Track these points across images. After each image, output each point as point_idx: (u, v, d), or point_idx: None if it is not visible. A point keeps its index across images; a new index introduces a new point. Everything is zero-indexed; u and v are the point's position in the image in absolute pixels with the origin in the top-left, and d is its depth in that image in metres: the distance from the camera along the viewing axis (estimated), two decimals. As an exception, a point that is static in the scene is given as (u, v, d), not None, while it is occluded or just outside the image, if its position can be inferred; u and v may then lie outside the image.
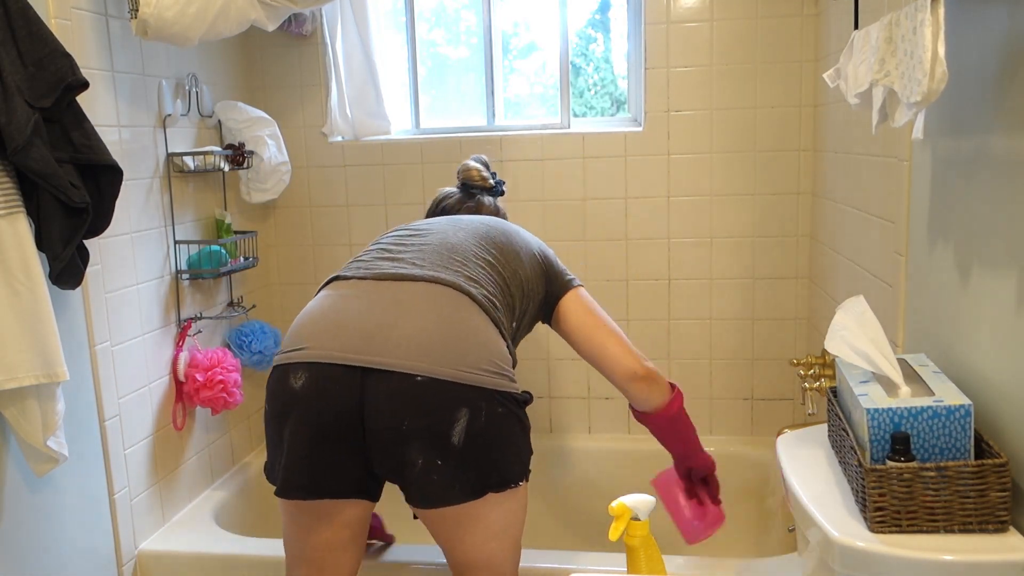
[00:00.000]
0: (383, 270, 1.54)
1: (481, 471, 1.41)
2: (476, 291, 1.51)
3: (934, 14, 1.10)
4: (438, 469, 1.38)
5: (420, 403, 1.37)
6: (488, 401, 1.40)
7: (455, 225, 1.70)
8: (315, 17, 2.54)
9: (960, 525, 1.13)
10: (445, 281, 1.50)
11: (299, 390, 1.40)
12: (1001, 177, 1.19)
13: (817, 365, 1.99)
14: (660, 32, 2.40)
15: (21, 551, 1.66)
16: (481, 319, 1.49)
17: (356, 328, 1.43)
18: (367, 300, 1.48)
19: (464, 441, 1.37)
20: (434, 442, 1.37)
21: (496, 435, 1.41)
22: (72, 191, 1.53)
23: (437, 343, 1.40)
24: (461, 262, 1.57)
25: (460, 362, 1.39)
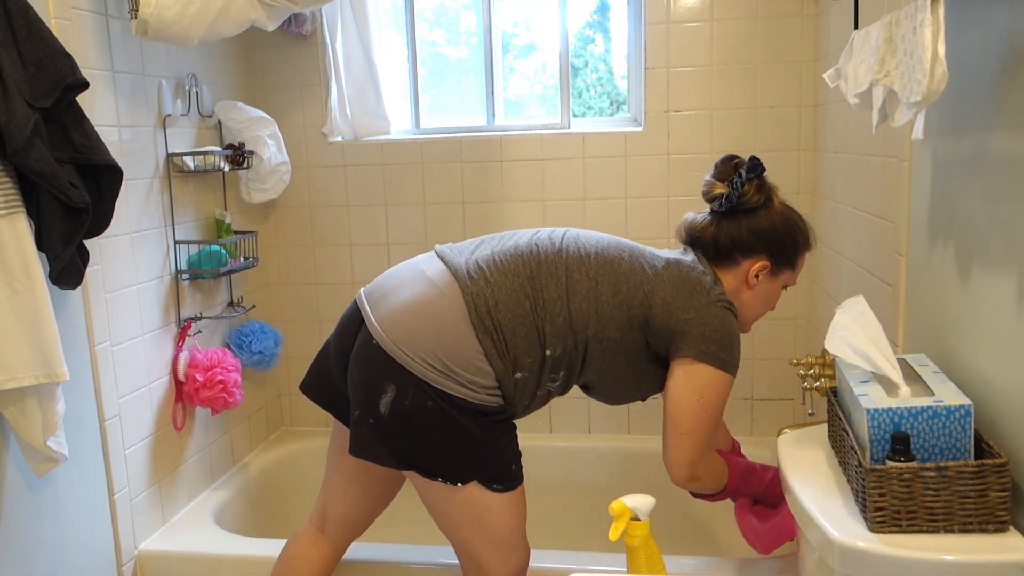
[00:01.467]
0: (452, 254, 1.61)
1: (406, 446, 1.49)
2: (477, 295, 1.48)
3: (934, 14, 1.10)
4: (369, 426, 1.49)
5: (364, 361, 1.50)
6: (417, 388, 1.46)
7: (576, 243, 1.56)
8: (315, 17, 2.54)
9: (960, 525, 1.13)
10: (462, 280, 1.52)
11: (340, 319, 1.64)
12: (1001, 177, 1.19)
13: (817, 365, 1.99)
14: (660, 32, 2.40)
15: (21, 551, 1.66)
16: (461, 322, 1.47)
17: (386, 285, 1.58)
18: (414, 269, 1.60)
19: (389, 414, 1.47)
20: (366, 401, 1.49)
21: (420, 422, 1.47)
22: (72, 191, 1.53)
23: (402, 320, 1.49)
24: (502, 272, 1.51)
25: (407, 343, 1.47)
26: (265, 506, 2.44)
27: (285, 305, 2.71)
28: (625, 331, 1.53)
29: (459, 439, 1.48)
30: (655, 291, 1.52)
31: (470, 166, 2.55)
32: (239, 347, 2.38)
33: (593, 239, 1.60)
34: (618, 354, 1.54)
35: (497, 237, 1.64)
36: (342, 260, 2.67)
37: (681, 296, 1.52)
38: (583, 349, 1.52)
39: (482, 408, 1.48)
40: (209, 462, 2.33)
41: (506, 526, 1.56)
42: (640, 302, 1.52)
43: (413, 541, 2.02)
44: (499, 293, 1.50)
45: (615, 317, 1.51)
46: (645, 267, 1.55)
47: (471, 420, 1.48)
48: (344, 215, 2.64)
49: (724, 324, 1.53)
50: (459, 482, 1.50)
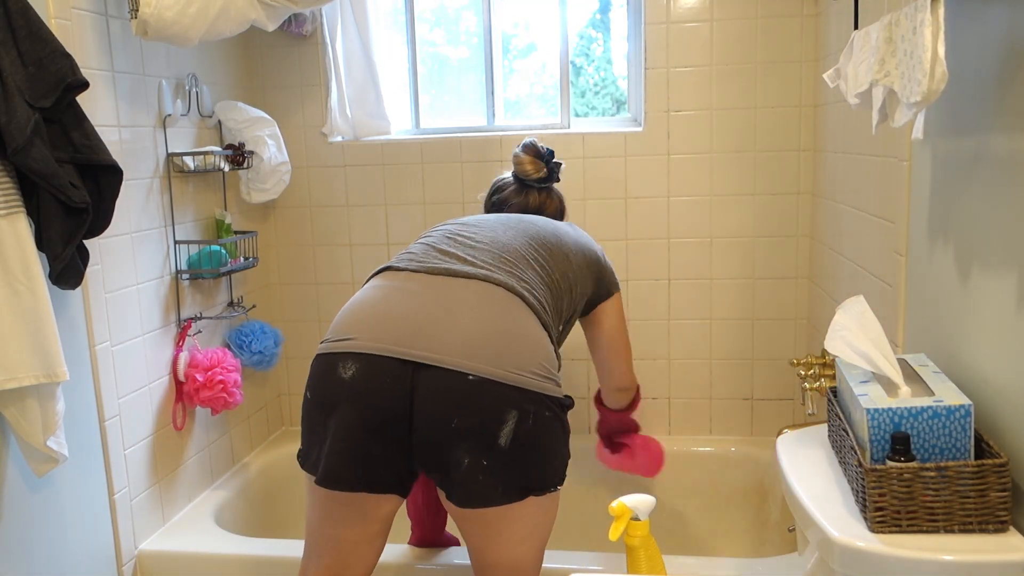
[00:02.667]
0: (436, 264, 1.53)
1: (525, 474, 1.40)
2: (528, 293, 1.52)
3: (934, 14, 1.10)
4: (484, 469, 1.37)
5: (471, 402, 1.36)
6: (536, 404, 1.39)
7: (505, 224, 1.69)
8: (315, 17, 2.54)
9: (960, 525, 1.13)
10: (498, 281, 1.50)
11: (349, 381, 1.39)
12: (1001, 177, 1.19)
13: (817, 365, 1.99)
14: (660, 32, 2.40)
15: (21, 551, 1.66)
16: (532, 321, 1.49)
17: (409, 321, 1.42)
18: (420, 294, 1.47)
19: (511, 443, 1.36)
20: (481, 442, 1.36)
21: (541, 439, 1.41)
22: (72, 191, 1.53)
23: (489, 343, 1.39)
24: (512, 262, 1.57)
25: (511, 364, 1.38)
26: (265, 506, 2.44)
27: (285, 305, 2.71)
28: (591, 286, 1.76)
29: (563, 440, 1.49)
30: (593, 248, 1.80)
31: (470, 166, 2.55)
32: (239, 347, 2.38)
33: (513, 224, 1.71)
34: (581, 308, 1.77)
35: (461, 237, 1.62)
36: (342, 260, 2.67)
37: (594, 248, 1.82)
38: (572, 312, 1.71)
39: (568, 402, 1.50)
40: (209, 462, 2.33)
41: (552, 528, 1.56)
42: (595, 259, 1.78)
43: (413, 541, 2.02)
44: (537, 289, 1.56)
45: (586, 276, 1.73)
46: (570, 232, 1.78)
47: (566, 417, 1.49)
48: (344, 215, 2.64)
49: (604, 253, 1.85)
50: (561, 484, 1.48)
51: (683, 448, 2.53)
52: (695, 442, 2.55)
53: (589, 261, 1.75)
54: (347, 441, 1.40)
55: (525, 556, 1.50)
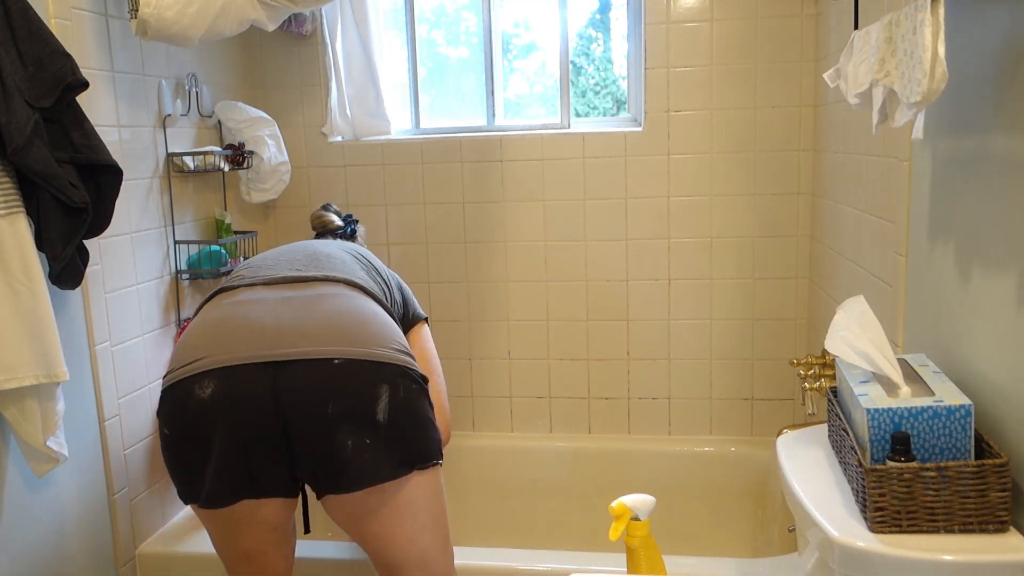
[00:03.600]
0: (271, 275, 1.54)
1: (406, 445, 1.43)
2: (366, 284, 1.59)
3: (934, 14, 1.10)
4: (368, 447, 1.38)
5: (342, 385, 1.37)
6: (403, 377, 1.43)
7: (316, 244, 1.76)
8: (315, 17, 2.54)
9: (960, 525, 1.13)
10: (337, 278, 1.56)
11: (209, 400, 1.36)
12: (1001, 177, 1.19)
13: (817, 365, 1.99)
14: (660, 32, 2.40)
15: (21, 551, 1.66)
16: (380, 308, 1.55)
17: (258, 326, 1.40)
18: (263, 302, 1.47)
19: (388, 417, 1.39)
20: (361, 421, 1.37)
21: (414, 410, 1.44)
22: (72, 191, 1.53)
23: (346, 327, 1.43)
24: (341, 265, 1.63)
25: (371, 342, 1.42)
26: (265, 506, 2.43)
27: (285, 305, 2.71)
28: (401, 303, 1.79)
29: (431, 412, 1.50)
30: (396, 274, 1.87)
31: (470, 166, 2.55)
32: (239, 347, 2.38)
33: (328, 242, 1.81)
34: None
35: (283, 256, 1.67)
36: (342, 260, 2.66)
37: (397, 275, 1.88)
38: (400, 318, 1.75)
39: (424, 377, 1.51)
40: (209, 462, 2.33)
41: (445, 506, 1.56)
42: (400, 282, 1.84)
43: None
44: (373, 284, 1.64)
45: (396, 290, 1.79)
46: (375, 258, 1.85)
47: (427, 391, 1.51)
48: (344, 215, 2.64)
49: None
50: (441, 458, 1.50)
51: (683, 448, 2.54)
52: (695, 442, 2.55)
53: (396, 280, 1.82)
54: (227, 458, 1.38)
55: (431, 547, 1.50)
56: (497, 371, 2.64)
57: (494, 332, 2.61)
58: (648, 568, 1.53)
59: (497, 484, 1.96)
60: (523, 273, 2.57)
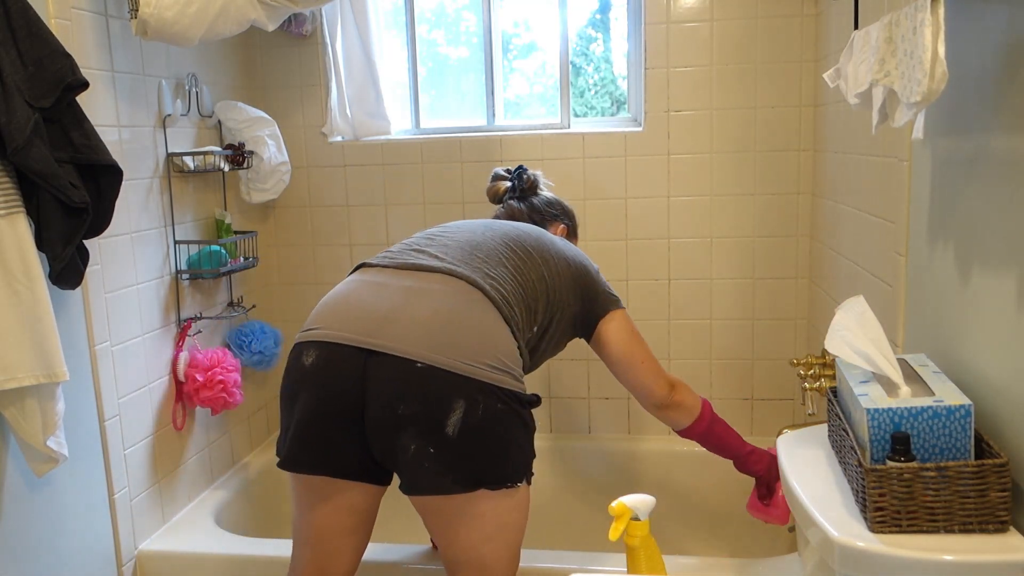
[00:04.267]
0: (405, 260, 1.57)
1: (475, 465, 1.40)
2: (491, 288, 1.52)
3: (934, 14, 1.10)
4: (430, 457, 1.38)
5: (417, 389, 1.38)
6: (487, 395, 1.39)
7: (486, 226, 1.71)
8: (315, 17, 2.54)
9: (960, 525, 1.13)
10: (461, 274, 1.52)
11: (308, 368, 1.44)
12: (1001, 177, 1.19)
13: (817, 365, 1.99)
14: (660, 32, 2.40)
15: (21, 551, 1.66)
16: (492, 315, 1.49)
17: (367, 311, 1.46)
18: (383, 286, 1.51)
19: (459, 432, 1.37)
20: (428, 429, 1.38)
21: (493, 430, 1.41)
22: (72, 191, 1.53)
23: (442, 332, 1.41)
24: (483, 259, 1.58)
25: (462, 353, 1.40)
26: (265, 506, 2.44)
27: (285, 305, 2.71)
28: (575, 300, 1.70)
29: (523, 435, 1.48)
30: (582, 262, 1.74)
31: (470, 166, 2.55)
32: (239, 347, 2.38)
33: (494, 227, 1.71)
34: (568, 323, 1.71)
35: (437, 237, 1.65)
36: (342, 260, 2.67)
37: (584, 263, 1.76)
38: (550, 321, 1.65)
39: (529, 398, 1.49)
40: (209, 462, 2.33)
41: (522, 528, 1.54)
42: (583, 272, 1.72)
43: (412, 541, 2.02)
44: (505, 285, 1.55)
45: (568, 287, 1.68)
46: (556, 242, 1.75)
47: (527, 412, 1.49)
48: (344, 215, 2.64)
49: (597, 271, 1.79)
50: (520, 481, 1.47)
51: (683, 448, 2.53)
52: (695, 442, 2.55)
53: (574, 273, 1.71)
54: (306, 425, 1.45)
55: (492, 556, 1.48)
56: (497, 371, 2.64)
57: (494, 332, 2.62)
58: (648, 568, 1.53)
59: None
60: (523, 273, 2.57)
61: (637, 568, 1.53)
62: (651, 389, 1.78)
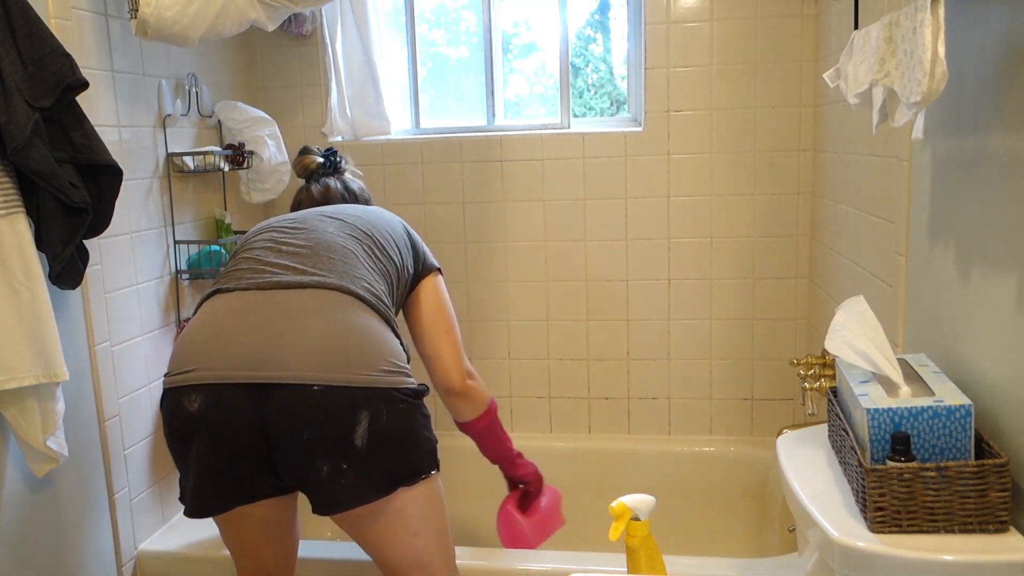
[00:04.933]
0: (265, 279, 1.49)
1: (388, 467, 1.41)
2: (364, 291, 1.50)
3: (934, 14, 1.10)
4: (344, 473, 1.37)
5: (319, 412, 1.36)
6: (387, 400, 1.40)
7: (321, 218, 1.65)
8: (315, 17, 2.54)
9: (960, 525, 1.13)
10: (331, 284, 1.48)
11: (196, 414, 1.38)
12: (1001, 177, 1.19)
13: (817, 365, 1.99)
14: (660, 32, 2.40)
15: (21, 551, 1.66)
16: (372, 318, 1.48)
17: (246, 343, 1.40)
18: (254, 312, 1.44)
19: (367, 442, 1.37)
20: (337, 447, 1.37)
21: (399, 431, 1.42)
22: (72, 191, 1.53)
23: (330, 349, 1.39)
24: (341, 259, 1.54)
25: (355, 366, 1.38)
26: (265, 506, 2.43)
27: (285, 305, 2.71)
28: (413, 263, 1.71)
29: (424, 426, 1.48)
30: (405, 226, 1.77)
31: (470, 166, 2.55)
32: (239, 347, 2.38)
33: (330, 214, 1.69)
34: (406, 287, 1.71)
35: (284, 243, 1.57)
36: (342, 260, 2.66)
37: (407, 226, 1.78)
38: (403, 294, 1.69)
39: (420, 389, 1.48)
40: (209, 462, 2.33)
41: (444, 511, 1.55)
42: (410, 236, 1.75)
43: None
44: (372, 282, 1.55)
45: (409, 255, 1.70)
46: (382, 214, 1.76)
47: (422, 403, 1.48)
48: (344, 215, 2.64)
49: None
50: (434, 469, 1.48)
51: (683, 448, 2.54)
52: (695, 442, 2.56)
53: (405, 240, 1.71)
54: (209, 473, 1.41)
55: (425, 550, 1.50)
56: (497, 371, 2.64)
57: (494, 332, 2.61)
58: (648, 568, 1.53)
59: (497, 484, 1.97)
60: (523, 273, 2.57)
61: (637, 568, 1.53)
62: (449, 368, 1.71)
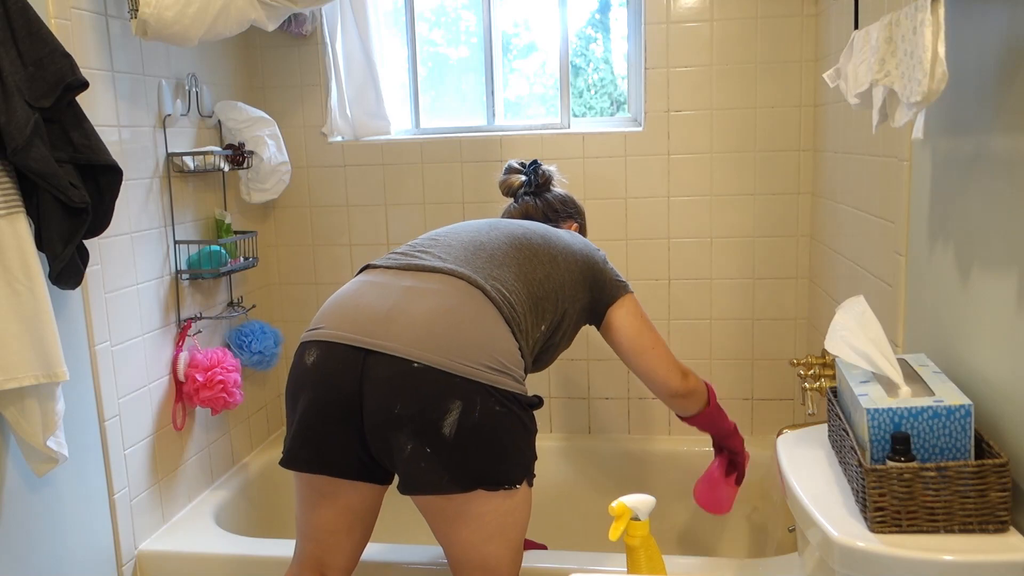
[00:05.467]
0: (408, 261, 1.58)
1: (472, 465, 1.40)
2: (492, 288, 1.52)
3: (934, 14, 1.10)
4: (427, 456, 1.39)
5: (413, 389, 1.39)
6: (484, 396, 1.40)
7: (491, 226, 1.70)
8: (315, 17, 2.54)
9: (960, 525, 1.13)
10: (462, 275, 1.52)
11: (309, 367, 1.47)
12: (1001, 177, 1.19)
13: (817, 365, 1.99)
14: (660, 32, 2.40)
15: (21, 551, 1.66)
16: (492, 316, 1.49)
17: (367, 311, 1.47)
18: (385, 286, 1.52)
19: (455, 433, 1.37)
20: (425, 429, 1.38)
21: (491, 432, 1.41)
22: (72, 191, 1.53)
23: (439, 331, 1.42)
24: (486, 259, 1.58)
25: (460, 354, 1.40)
26: (265, 506, 2.44)
27: (285, 305, 2.71)
28: (584, 292, 1.70)
29: (522, 437, 1.47)
30: (589, 253, 1.74)
31: (470, 166, 2.55)
32: (239, 347, 2.38)
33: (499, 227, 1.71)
34: (578, 315, 1.71)
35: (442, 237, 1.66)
36: (342, 260, 2.67)
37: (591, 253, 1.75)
38: (562, 317, 1.65)
39: (530, 400, 1.49)
40: (209, 462, 2.33)
41: (524, 526, 1.54)
42: (590, 263, 1.72)
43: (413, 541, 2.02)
44: (507, 285, 1.55)
45: (576, 280, 1.68)
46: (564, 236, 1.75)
47: (527, 415, 1.48)
48: (344, 215, 2.64)
49: (604, 259, 1.79)
50: (519, 483, 1.46)
51: (683, 448, 2.54)
52: (695, 442, 2.55)
53: (582, 265, 1.70)
54: (306, 424, 1.47)
55: (493, 556, 1.49)
56: (497, 371, 2.64)
57: (494, 332, 2.61)
58: (648, 568, 1.53)
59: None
60: (523, 273, 2.57)
61: (637, 568, 1.53)
62: (665, 378, 1.78)
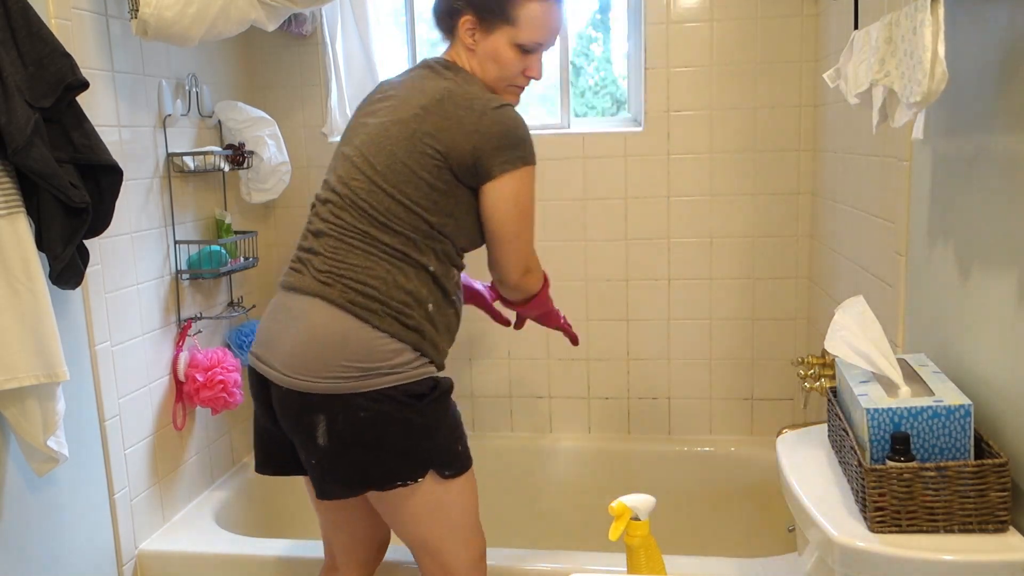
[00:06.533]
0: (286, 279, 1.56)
1: (355, 469, 1.47)
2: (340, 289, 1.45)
3: (934, 14, 1.10)
4: (314, 467, 1.49)
5: (288, 410, 1.48)
6: (345, 405, 1.43)
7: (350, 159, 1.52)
8: (315, 17, 2.54)
9: (960, 525, 1.13)
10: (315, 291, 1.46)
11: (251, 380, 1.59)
12: (1001, 177, 1.19)
13: (817, 365, 1.99)
14: (660, 32, 2.40)
15: (21, 551, 1.66)
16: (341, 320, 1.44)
17: (263, 336, 1.55)
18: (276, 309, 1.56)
19: (329, 442, 1.45)
20: (305, 444, 1.48)
21: (359, 437, 1.44)
22: (72, 191, 1.53)
23: (298, 353, 1.46)
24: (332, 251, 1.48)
25: (312, 371, 1.44)
26: (265, 506, 2.44)
27: (285, 305, 2.71)
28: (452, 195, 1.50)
29: (403, 435, 1.45)
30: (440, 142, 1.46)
31: (470, 166, 2.54)
32: (239, 347, 2.38)
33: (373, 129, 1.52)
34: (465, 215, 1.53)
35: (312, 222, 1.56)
36: (342, 260, 2.66)
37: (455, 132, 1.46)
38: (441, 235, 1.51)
39: (415, 389, 1.45)
40: (209, 462, 2.33)
41: (463, 511, 1.56)
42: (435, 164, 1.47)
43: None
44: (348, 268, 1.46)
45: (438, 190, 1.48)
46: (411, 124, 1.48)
47: (410, 410, 1.45)
48: (344, 215, 2.64)
49: (504, 126, 1.50)
50: (415, 479, 1.47)
51: (683, 448, 2.54)
52: (695, 442, 2.56)
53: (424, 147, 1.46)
54: (255, 432, 1.63)
55: (430, 536, 1.55)
56: (497, 371, 2.64)
57: (493, 332, 2.61)
58: (648, 568, 1.53)
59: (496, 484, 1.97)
60: (523, 273, 2.57)
61: (637, 568, 1.53)
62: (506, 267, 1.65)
